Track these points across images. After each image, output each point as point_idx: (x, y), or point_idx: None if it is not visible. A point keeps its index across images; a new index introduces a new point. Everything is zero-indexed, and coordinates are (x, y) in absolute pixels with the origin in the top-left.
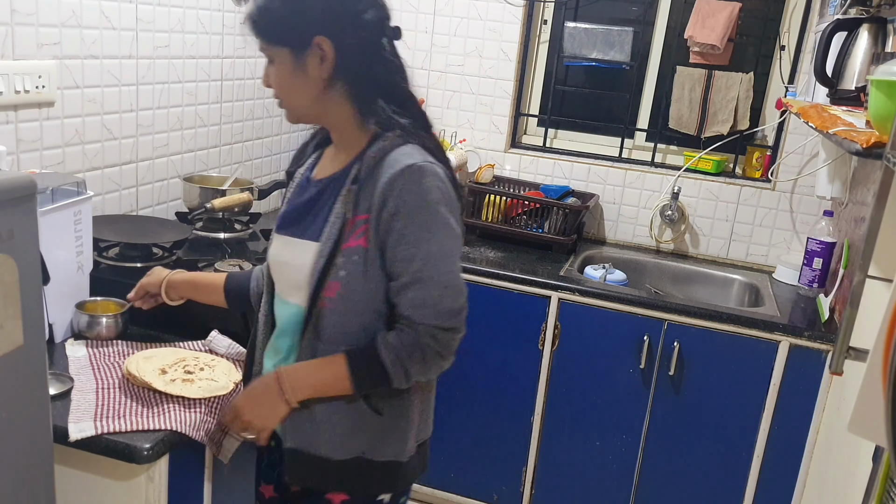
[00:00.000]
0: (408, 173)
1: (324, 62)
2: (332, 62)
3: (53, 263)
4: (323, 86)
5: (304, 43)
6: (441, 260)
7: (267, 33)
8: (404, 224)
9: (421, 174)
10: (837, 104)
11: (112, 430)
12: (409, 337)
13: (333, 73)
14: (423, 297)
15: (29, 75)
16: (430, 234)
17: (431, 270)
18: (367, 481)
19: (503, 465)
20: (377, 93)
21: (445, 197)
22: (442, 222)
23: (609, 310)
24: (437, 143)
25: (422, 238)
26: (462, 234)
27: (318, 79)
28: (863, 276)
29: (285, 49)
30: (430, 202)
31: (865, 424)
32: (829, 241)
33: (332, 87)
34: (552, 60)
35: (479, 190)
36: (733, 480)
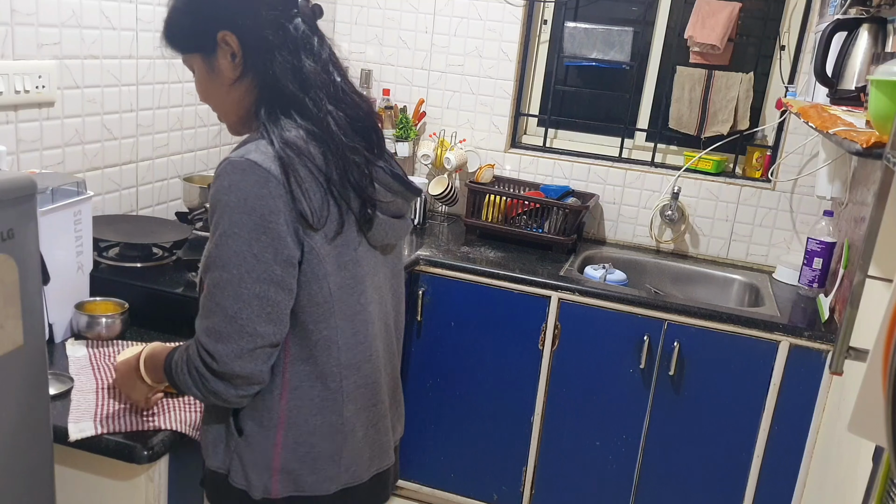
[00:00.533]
0: (222, 167)
1: (234, 59)
2: (240, 56)
3: (53, 263)
4: (234, 80)
5: (211, 43)
6: (219, 271)
7: (177, 44)
8: (209, 219)
9: (229, 170)
10: (837, 104)
11: (112, 431)
12: (190, 345)
13: (243, 68)
14: (202, 304)
15: (29, 75)
16: (216, 238)
17: (208, 278)
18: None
19: (503, 465)
20: (280, 83)
21: (249, 204)
22: (232, 229)
23: (609, 310)
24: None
25: (212, 239)
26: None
27: (234, 77)
28: (863, 276)
29: (197, 55)
30: (224, 203)
31: (865, 424)
32: (829, 241)
33: (243, 81)
34: (552, 60)
35: (479, 190)
36: (733, 480)
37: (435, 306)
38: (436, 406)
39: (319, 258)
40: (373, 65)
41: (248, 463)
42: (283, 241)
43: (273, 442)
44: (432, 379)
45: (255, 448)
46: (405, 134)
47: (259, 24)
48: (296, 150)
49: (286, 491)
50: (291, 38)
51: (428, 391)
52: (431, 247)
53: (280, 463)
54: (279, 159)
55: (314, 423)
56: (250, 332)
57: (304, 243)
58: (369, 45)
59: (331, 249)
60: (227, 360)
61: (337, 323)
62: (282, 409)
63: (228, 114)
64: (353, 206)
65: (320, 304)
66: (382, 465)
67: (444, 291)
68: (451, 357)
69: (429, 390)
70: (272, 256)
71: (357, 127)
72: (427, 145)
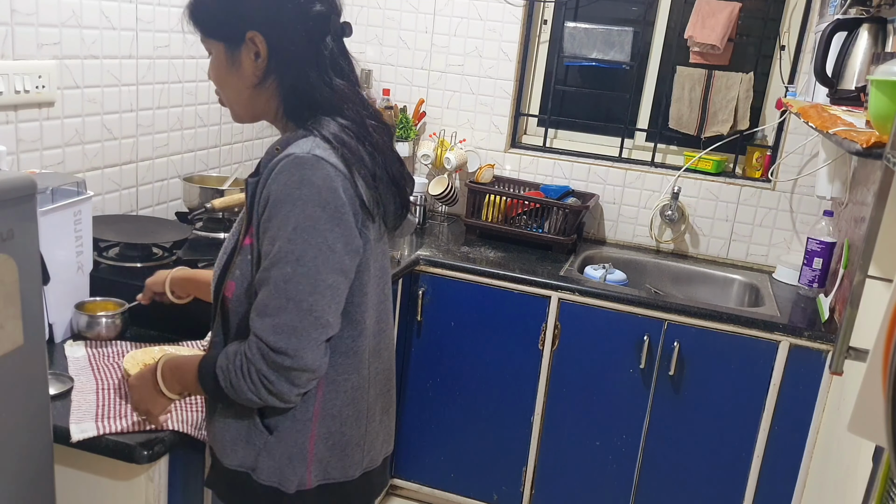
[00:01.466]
0: (286, 162)
1: (258, 59)
2: (265, 59)
3: (53, 263)
4: (256, 82)
5: (238, 38)
6: (293, 265)
7: (202, 26)
8: (269, 216)
9: (298, 165)
10: (837, 104)
11: (113, 431)
12: (243, 347)
13: (266, 71)
14: (265, 303)
15: (29, 75)
16: (289, 233)
17: (278, 274)
18: (247, 501)
19: (503, 465)
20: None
21: (322, 197)
22: (306, 223)
23: (609, 310)
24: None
25: (279, 235)
26: (344, 249)
27: (252, 76)
28: (863, 276)
29: (220, 43)
30: (296, 197)
31: (865, 424)
32: (829, 241)
33: (264, 84)
34: (552, 60)
35: (479, 190)
36: (733, 480)
37: (435, 306)
38: (436, 406)
39: (371, 250)
40: (373, 65)
41: (280, 458)
42: (353, 232)
43: (308, 434)
44: (432, 379)
45: (289, 442)
46: (405, 134)
47: (291, 36)
48: (349, 148)
49: (317, 480)
50: (322, 56)
51: (428, 391)
52: (431, 247)
53: (314, 453)
54: (342, 155)
55: (347, 412)
56: (324, 324)
57: (363, 234)
58: (369, 45)
59: (376, 242)
60: (302, 353)
61: (369, 311)
62: (317, 402)
63: (242, 108)
64: (393, 201)
65: (364, 294)
66: (389, 449)
67: (444, 291)
68: (451, 357)
69: (429, 390)
70: (343, 247)
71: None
72: (427, 145)
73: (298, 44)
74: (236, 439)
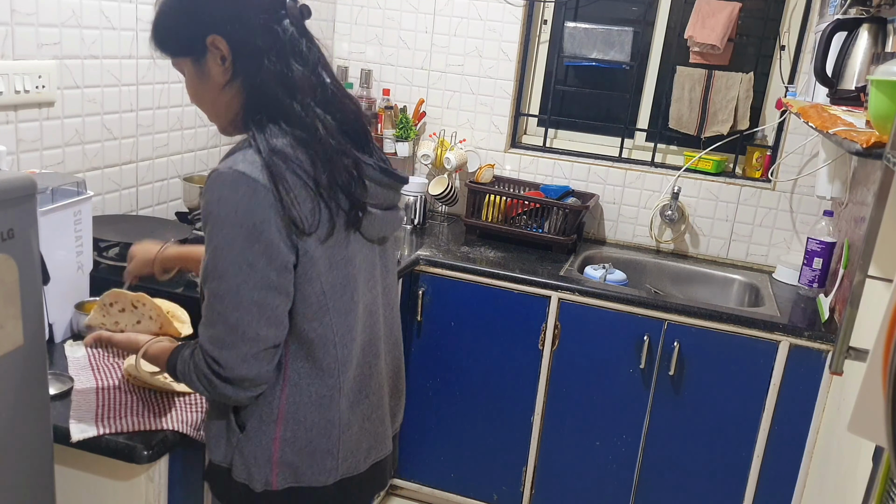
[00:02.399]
0: (211, 179)
1: (224, 63)
2: (230, 60)
3: (53, 263)
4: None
5: (201, 47)
6: (217, 281)
7: (166, 47)
8: (203, 229)
9: (218, 183)
10: (837, 104)
11: (113, 431)
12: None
13: (233, 72)
14: (204, 314)
15: (29, 75)
16: (211, 251)
17: (207, 289)
18: (227, 496)
19: (503, 465)
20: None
21: (238, 216)
22: (224, 242)
23: (609, 310)
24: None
25: (206, 251)
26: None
27: (224, 81)
28: (863, 276)
29: (187, 59)
30: (215, 216)
31: (865, 424)
32: (829, 241)
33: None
34: (552, 60)
35: (479, 190)
36: (733, 480)
37: (435, 306)
38: (436, 406)
39: (313, 260)
40: (373, 65)
41: (248, 457)
42: (276, 248)
43: (272, 436)
44: (432, 379)
45: (255, 442)
46: (405, 134)
47: (249, 28)
48: (283, 157)
49: (285, 483)
50: (280, 42)
51: (428, 391)
52: (431, 247)
53: (279, 456)
54: (267, 168)
55: (312, 419)
56: (252, 338)
57: (297, 247)
58: (369, 45)
59: (323, 251)
60: (232, 365)
61: (332, 320)
62: (281, 405)
63: (219, 117)
64: (343, 207)
65: (313, 304)
66: (380, 454)
67: (444, 291)
68: (451, 357)
69: (429, 390)
70: (266, 263)
71: (345, 128)
72: (427, 145)
73: (257, 35)
74: (219, 435)
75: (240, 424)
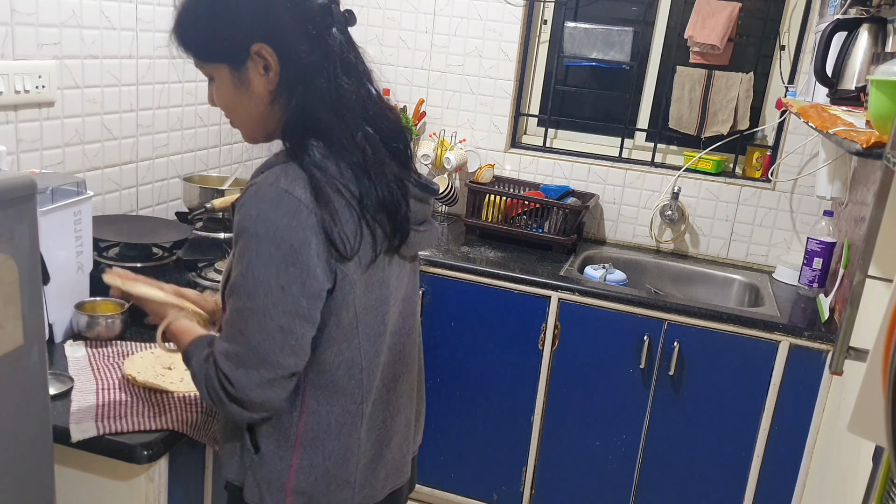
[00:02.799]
0: (250, 192)
1: (268, 72)
2: (277, 71)
3: (53, 263)
4: (270, 99)
5: (242, 55)
6: (244, 300)
7: (196, 50)
8: (235, 243)
9: (258, 198)
10: (837, 104)
11: (113, 431)
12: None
13: (279, 83)
14: (224, 328)
15: (29, 75)
16: (243, 268)
17: (232, 305)
18: None
19: (503, 465)
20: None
21: (278, 235)
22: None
23: (609, 310)
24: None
25: (237, 266)
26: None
27: (265, 92)
28: (863, 276)
29: (222, 65)
30: (252, 233)
31: (865, 424)
32: (829, 241)
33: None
34: (552, 60)
35: (479, 190)
36: (733, 480)
37: (435, 306)
38: (436, 406)
39: (351, 284)
40: (373, 65)
41: (261, 480)
42: (312, 274)
43: (288, 463)
44: (432, 379)
45: (269, 467)
46: None
47: (299, 38)
48: (327, 175)
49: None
50: (332, 55)
51: (428, 391)
52: (431, 247)
53: (294, 485)
54: (311, 186)
55: (331, 447)
56: (272, 364)
57: (336, 272)
58: (369, 45)
59: (362, 275)
60: (245, 388)
61: (361, 343)
62: (299, 432)
63: (252, 127)
64: (386, 230)
65: (345, 327)
66: (398, 482)
67: (444, 291)
68: (451, 357)
69: (429, 390)
70: (299, 289)
71: (388, 143)
72: (427, 145)
73: (307, 46)
74: (232, 453)
75: (254, 444)
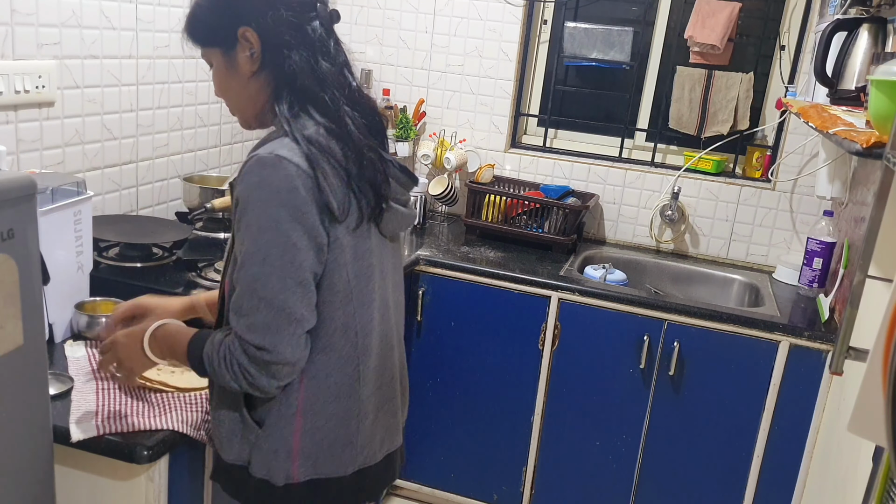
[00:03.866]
0: (250, 164)
1: (253, 55)
2: (259, 52)
3: (53, 263)
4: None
5: (231, 38)
6: (259, 265)
7: (197, 37)
8: (238, 217)
9: (259, 166)
10: (837, 104)
11: (113, 431)
12: (227, 339)
13: (261, 64)
14: (239, 303)
15: (29, 75)
16: (254, 234)
17: (247, 275)
18: (246, 494)
19: (503, 465)
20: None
21: (282, 197)
22: (268, 223)
23: (609, 310)
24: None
25: (246, 236)
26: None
27: (248, 71)
28: (863, 276)
29: (217, 50)
30: (257, 198)
31: (865, 424)
32: (829, 241)
33: (259, 76)
34: (552, 60)
35: (479, 190)
36: (733, 480)
37: (435, 306)
38: (436, 406)
39: (342, 248)
40: (373, 65)
41: (268, 452)
42: (317, 230)
43: (293, 429)
44: (432, 379)
45: (275, 437)
46: (405, 134)
47: (278, 23)
48: (318, 147)
49: (306, 475)
50: (309, 39)
51: (428, 391)
52: (431, 247)
53: (299, 448)
54: (306, 155)
55: (331, 409)
56: (298, 318)
57: (329, 234)
58: (369, 45)
59: (351, 240)
60: (280, 349)
61: (354, 309)
62: (300, 397)
63: (244, 109)
64: (369, 199)
65: (340, 292)
66: (392, 446)
67: (444, 291)
68: (451, 357)
69: (429, 390)
70: (308, 245)
71: (370, 127)
72: (427, 145)
73: (286, 30)
74: (232, 435)
75: (257, 421)
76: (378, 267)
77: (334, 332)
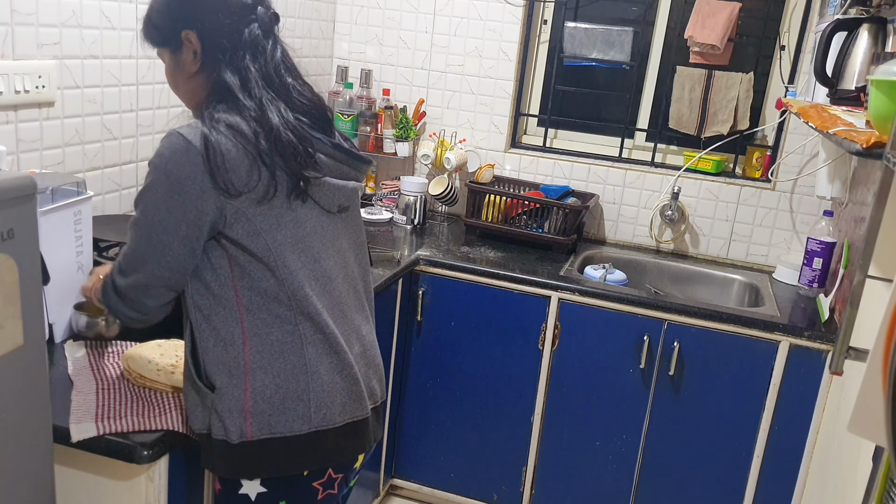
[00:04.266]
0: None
1: (196, 57)
2: (200, 55)
3: (53, 263)
4: (190, 75)
5: (178, 40)
6: (139, 215)
7: (150, 38)
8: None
9: (163, 140)
10: (837, 104)
11: (113, 431)
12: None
13: (201, 65)
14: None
15: (29, 75)
16: (142, 193)
17: (131, 221)
18: (213, 460)
19: (503, 465)
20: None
21: (167, 167)
22: (151, 186)
23: (609, 310)
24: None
25: (140, 193)
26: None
27: (193, 72)
28: (863, 276)
29: (166, 50)
30: (153, 165)
31: (865, 424)
32: (829, 241)
33: (197, 77)
34: (552, 60)
35: (479, 190)
36: (733, 480)
37: (435, 306)
38: (436, 406)
39: (247, 218)
40: (373, 65)
41: (223, 412)
42: (193, 204)
43: (243, 388)
44: (432, 379)
45: (227, 397)
46: (405, 134)
47: (218, 28)
48: (225, 125)
49: (261, 433)
50: (243, 42)
51: (428, 391)
52: (431, 247)
53: (251, 405)
54: (203, 135)
55: (279, 365)
56: (148, 270)
57: (226, 207)
58: (369, 45)
59: (262, 210)
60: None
61: (283, 276)
62: (246, 356)
63: (189, 101)
64: (285, 173)
65: (261, 258)
66: (356, 414)
67: (444, 291)
68: (451, 357)
69: (429, 390)
70: (181, 215)
71: (307, 115)
72: (427, 145)
73: (224, 34)
74: (194, 405)
75: (208, 385)
76: (319, 239)
77: (265, 292)
